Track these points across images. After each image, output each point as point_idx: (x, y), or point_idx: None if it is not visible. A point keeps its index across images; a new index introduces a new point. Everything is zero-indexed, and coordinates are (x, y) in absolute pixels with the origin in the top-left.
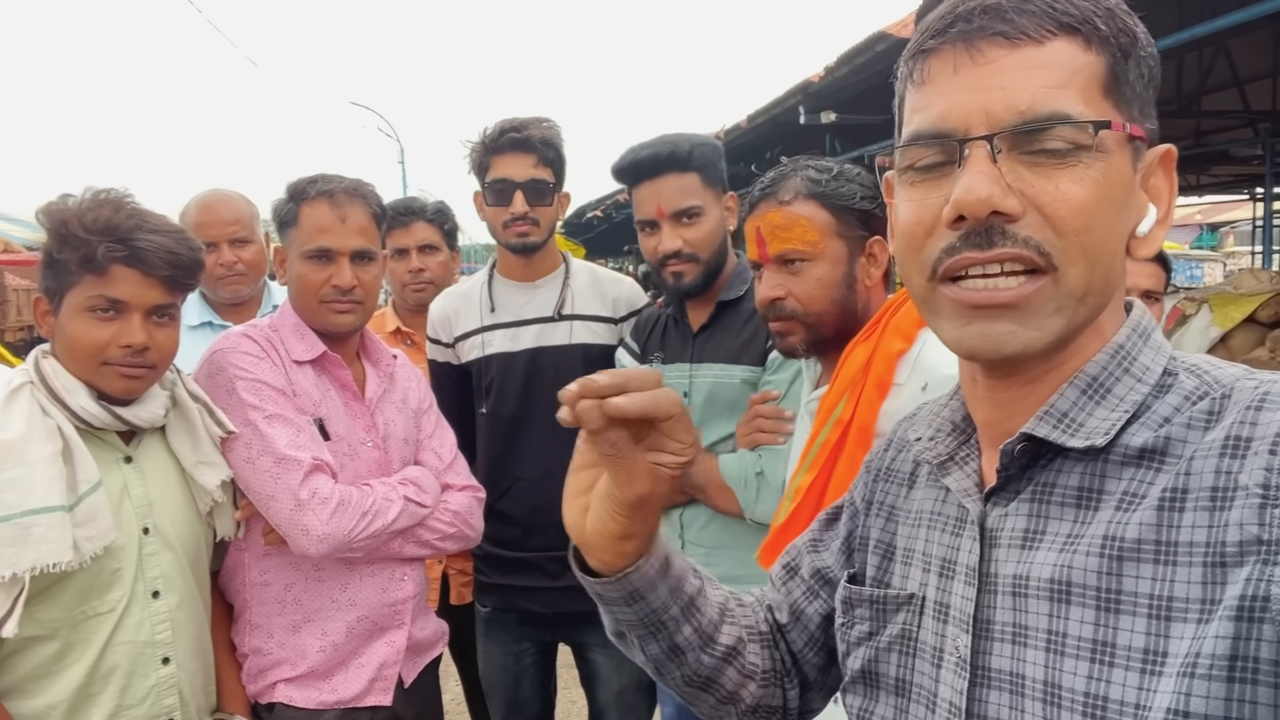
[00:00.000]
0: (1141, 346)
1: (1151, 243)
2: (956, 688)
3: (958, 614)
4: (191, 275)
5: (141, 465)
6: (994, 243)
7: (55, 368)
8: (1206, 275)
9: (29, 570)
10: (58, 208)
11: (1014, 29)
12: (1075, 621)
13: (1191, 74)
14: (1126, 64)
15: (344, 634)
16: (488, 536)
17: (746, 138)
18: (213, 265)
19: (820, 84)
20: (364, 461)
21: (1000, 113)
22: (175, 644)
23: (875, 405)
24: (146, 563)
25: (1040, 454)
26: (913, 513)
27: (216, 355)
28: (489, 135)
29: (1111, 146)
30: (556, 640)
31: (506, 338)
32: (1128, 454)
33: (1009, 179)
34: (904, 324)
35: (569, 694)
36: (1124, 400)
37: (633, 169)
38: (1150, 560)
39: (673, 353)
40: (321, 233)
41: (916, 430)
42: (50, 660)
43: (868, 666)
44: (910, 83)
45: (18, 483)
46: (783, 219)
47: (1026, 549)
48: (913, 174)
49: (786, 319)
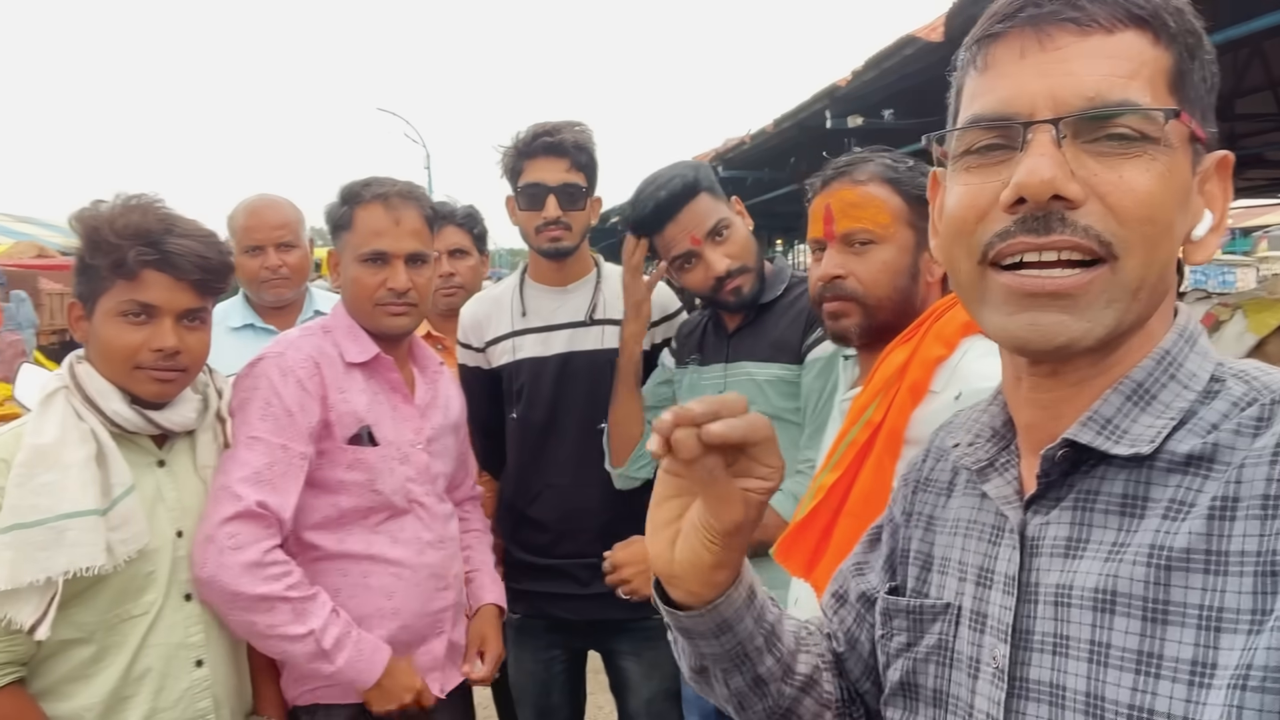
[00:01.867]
0: (1188, 352)
1: (1205, 248)
2: (994, 699)
3: (995, 624)
4: (221, 279)
5: (174, 469)
6: (1051, 229)
7: (89, 372)
8: (1239, 280)
9: (62, 574)
10: (90, 213)
11: (1085, 16)
12: (1120, 632)
13: (1226, 76)
14: (1192, 64)
15: (385, 642)
16: (518, 542)
17: (773, 142)
18: (258, 269)
19: (847, 88)
20: (413, 465)
21: (1067, 97)
22: (208, 647)
23: (907, 410)
24: (179, 565)
25: (1082, 460)
26: (950, 521)
27: (260, 363)
28: (521, 139)
29: (1176, 142)
30: (586, 647)
31: (538, 342)
32: (1174, 461)
33: (1072, 165)
34: (947, 330)
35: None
36: (1170, 407)
37: (654, 214)
38: (1200, 570)
39: (710, 354)
40: (376, 236)
41: (954, 436)
42: (86, 663)
43: (906, 678)
44: (972, 68)
45: (52, 487)
46: (857, 196)
47: (1070, 558)
48: (969, 158)
49: (845, 298)
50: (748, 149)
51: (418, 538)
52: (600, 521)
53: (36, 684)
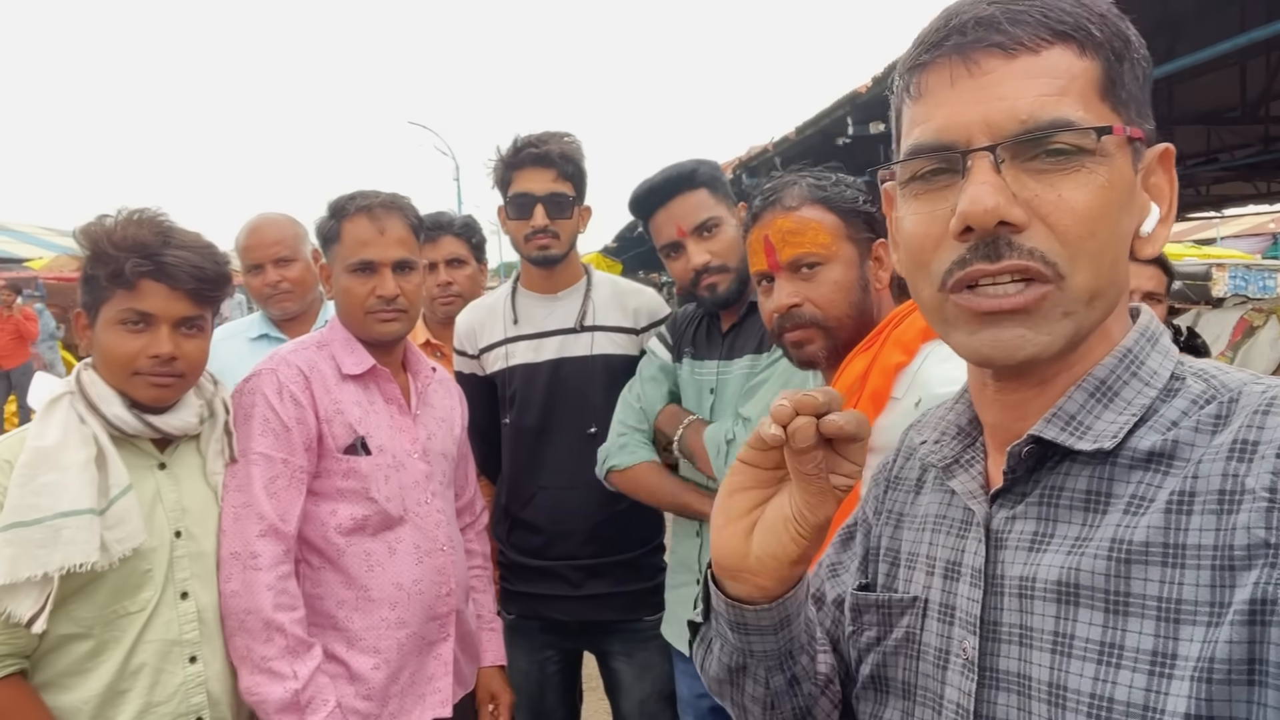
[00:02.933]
0: (1149, 350)
1: (1155, 242)
2: (964, 689)
3: (964, 616)
4: (217, 288)
5: (175, 471)
6: (1001, 254)
7: (92, 378)
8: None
9: (58, 570)
10: (93, 227)
11: (1010, 39)
12: (1083, 624)
13: (1258, 78)
14: (1121, 67)
15: (396, 651)
16: (512, 545)
17: (796, 149)
18: (260, 286)
19: (868, 94)
20: (410, 473)
21: (1002, 122)
22: (203, 644)
23: (870, 418)
24: (177, 565)
25: (1047, 456)
26: (918, 517)
27: (254, 379)
28: (509, 151)
29: (1113, 150)
30: (580, 648)
31: (529, 349)
32: (1135, 457)
33: (1013, 188)
34: (905, 336)
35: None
36: (1131, 403)
37: (646, 197)
38: (1158, 563)
39: (703, 350)
40: (363, 246)
41: (922, 434)
42: (84, 657)
43: (876, 671)
44: (907, 96)
45: (51, 487)
46: (793, 223)
47: (1034, 551)
48: (915, 184)
49: (805, 326)
50: (770, 156)
51: (416, 546)
52: (592, 524)
53: (37, 677)
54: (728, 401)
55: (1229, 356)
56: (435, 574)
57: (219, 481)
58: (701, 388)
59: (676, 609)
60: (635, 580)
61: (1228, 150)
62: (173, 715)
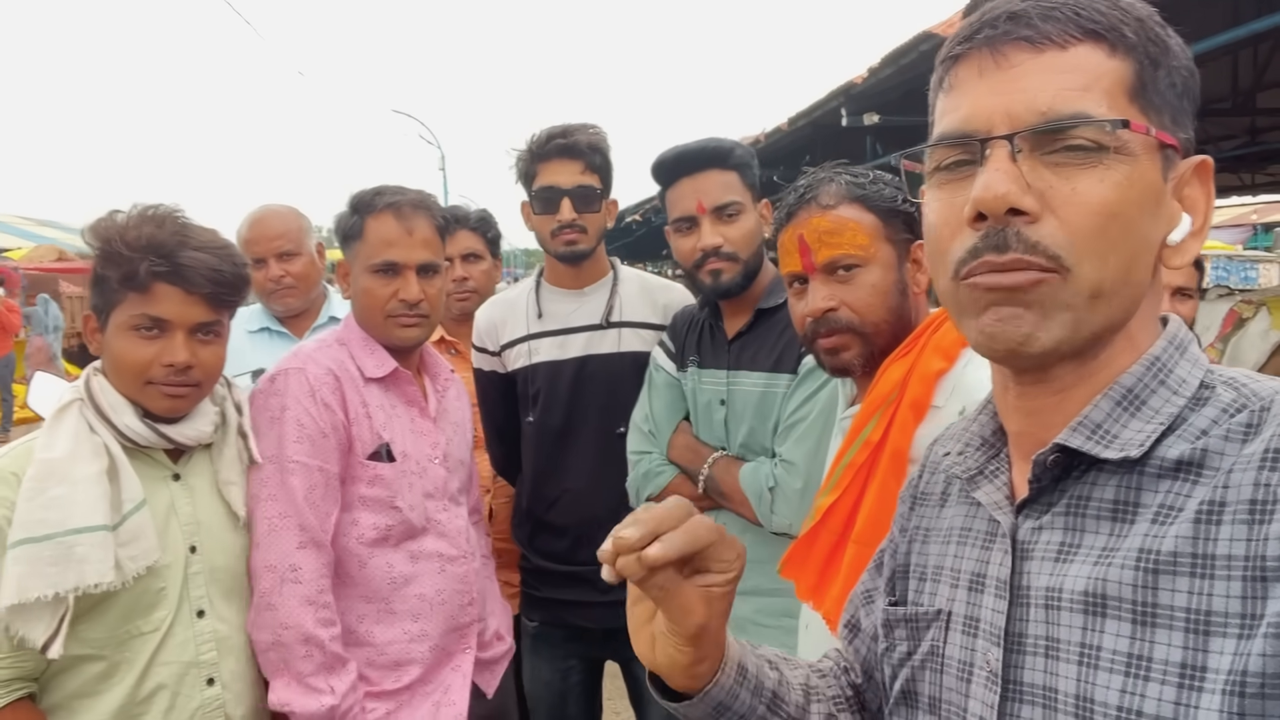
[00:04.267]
0: (1178, 359)
1: (1184, 252)
2: (988, 702)
3: (988, 628)
4: (236, 292)
5: (190, 483)
6: (1010, 246)
7: (103, 385)
8: (1262, 277)
9: (72, 590)
10: (104, 225)
11: (1038, 34)
12: (1110, 635)
13: (1246, 70)
14: (1156, 72)
15: (417, 669)
16: (536, 549)
17: (787, 140)
18: (263, 280)
19: (863, 85)
20: (431, 479)
21: (1021, 113)
22: (220, 665)
23: (910, 429)
24: (192, 581)
25: (1073, 466)
26: (943, 530)
27: (279, 378)
28: (535, 142)
29: (1137, 150)
30: (604, 657)
31: (554, 345)
32: (1164, 466)
33: (1029, 178)
34: (945, 342)
35: (612, 705)
36: (1159, 412)
37: (674, 163)
38: (1187, 574)
39: (708, 358)
40: (388, 246)
41: (946, 447)
42: (95, 679)
43: (906, 686)
44: (940, 89)
45: (61, 501)
46: (830, 223)
47: (1061, 561)
48: (940, 174)
49: (841, 332)
50: (762, 148)
51: (439, 554)
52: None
53: (46, 700)
54: (741, 415)
55: (1219, 348)
56: (458, 583)
57: (233, 490)
58: (712, 398)
59: None
60: None
61: (1213, 142)
62: None
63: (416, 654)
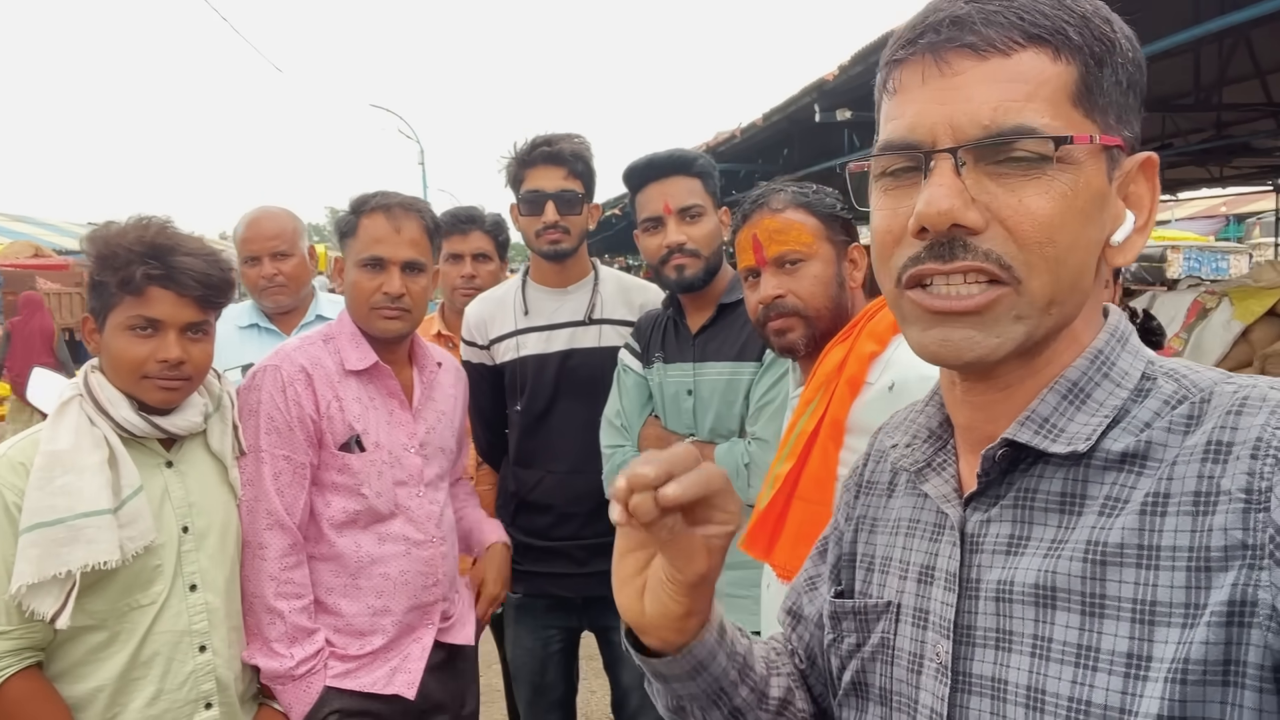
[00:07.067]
0: (1120, 351)
1: (1128, 250)
2: (938, 694)
3: (937, 620)
4: (222, 294)
5: (182, 469)
6: (955, 255)
7: (100, 381)
8: (1232, 267)
9: (80, 568)
10: (100, 234)
11: (981, 40)
12: (1060, 626)
13: (1210, 66)
14: (1101, 72)
15: (380, 639)
16: (519, 526)
17: (763, 135)
18: (255, 278)
19: (835, 82)
20: (405, 468)
21: (964, 126)
22: (211, 633)
23: (847, 402)
24: (185, 559)
25: (1021, 459)
26: (891, 521)
27: (258, 375)
28: (522, 149)
29: (1081, 157)
30: (582, 626)
31: (540, 340)
32: (1109, 459)
33: (973, 191)
34: (879, 328)
35: (587, 684)
36: (1104, 405)
37: (644, 169)
38: (1133, 565)
39: (673, 353)
40: (376, 242)
41: (893, 438)
42: (98, 647)
43: (856, 678)
44: (885, 91)
45: (69, 488)
46: (779, 223)
47: (1010, 554)
48: (885, 180)
49: (788, 315)
50: (738, 143)
51: (405, 538)
52: (597, 505)
53: (53, 667)
54: (708, 402)
55: (1184, 338)
56: (423, 565)
57: (234, 474)
58: (679, 389)
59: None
60: None
61: (1182, 135)
62: (184, 701)
63: (379, 626)
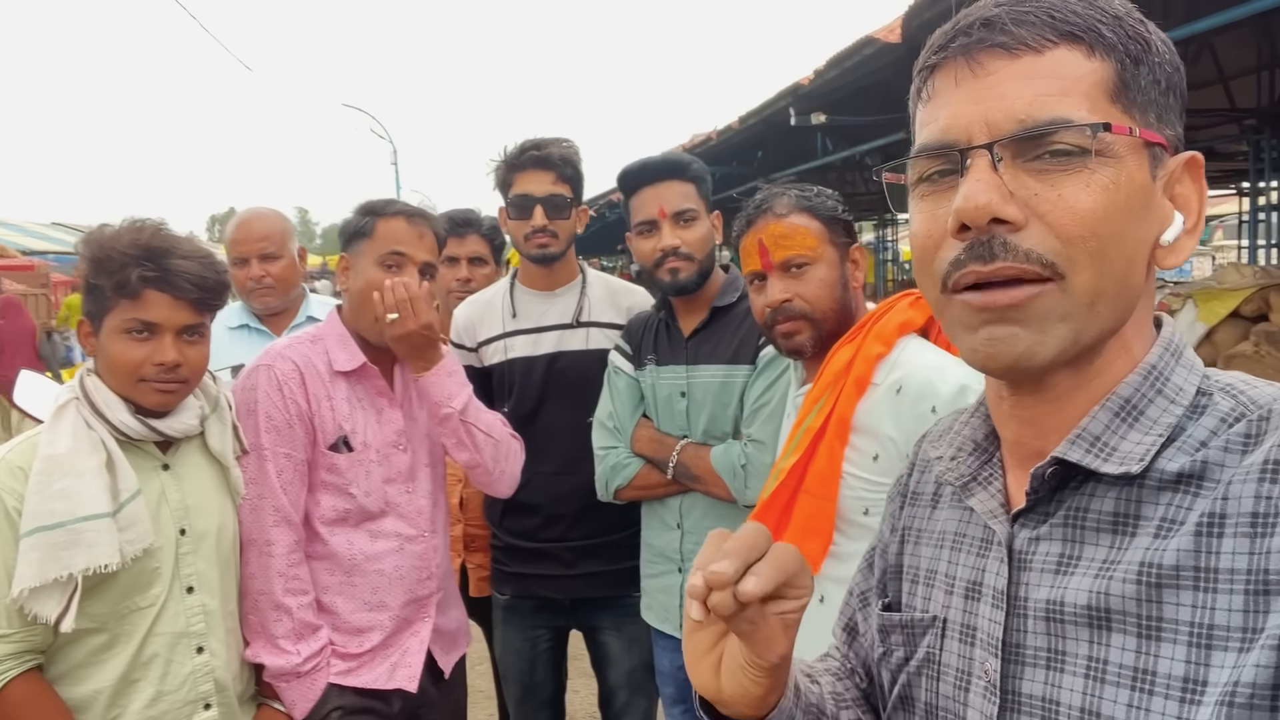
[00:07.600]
0: (1174, 365)
1: (1178, 252)
2: (986, 712)
3: (985, 637)
4: (217, 296)
5: (179, 471)
6: (996, 255)
7: (97, 385)
8: (1196, 269)
9: (82, 571)
10: (95, 237)
11: (1013, 40)
12: (1116, 649)
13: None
14: (1137, 70)
15: (378, 635)
16: (506, 528)
17: (739, 138)
18: (244, 279)
19: (810, 86)
20: (394, 466)
21: (1000, 121)
22: (209, 635)
23: (854, 401)
24: (182, 561)
25: (1071, 477)
26: (935, 534)
27: (252, 374)
28: (511, 154)
29: (1122, 151)
30: (570, 626)
31: (528, 343)
32: (1164, 479)
33: (1012, 187)
34: (885, 330)
35: (572, 684)
36: (1158, 423)
37: (639, 173)
38: (1190, 587)
39: (665, 355)
40: (398, 242)
41: (937, 449)
42: (98, 650)
43: (904, 692)
44: (919, 99)
45: (68, 492)
46: (784, 228)
47: (1060, 574)
48: (923, 186)
49: (795, 318)
50: (714, 145)
51: (397, 534)
52: (584, 507)
53: (54, 669)
54: (701, 404)
55: None
56: (416, 560)
57: (234, 474)
58: (672, 391)
59: (657, 595)
60: (624, 558)
61: None
62: (183, 702)
63: (376, 623)
